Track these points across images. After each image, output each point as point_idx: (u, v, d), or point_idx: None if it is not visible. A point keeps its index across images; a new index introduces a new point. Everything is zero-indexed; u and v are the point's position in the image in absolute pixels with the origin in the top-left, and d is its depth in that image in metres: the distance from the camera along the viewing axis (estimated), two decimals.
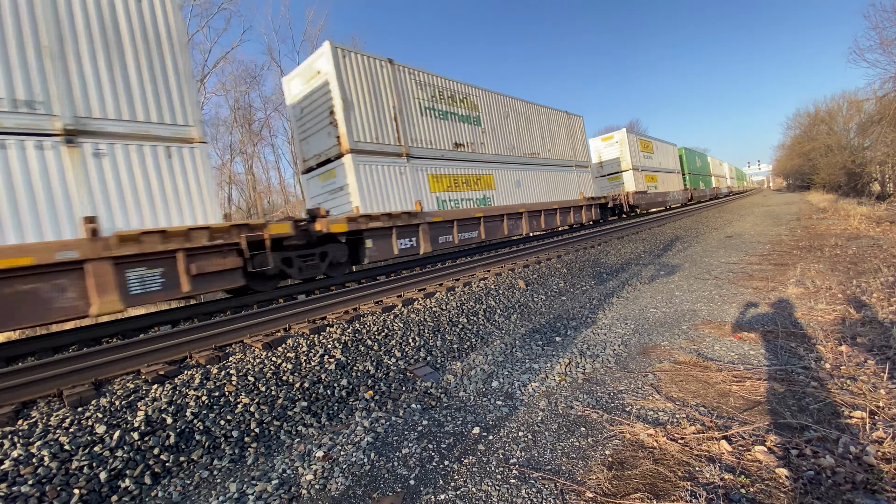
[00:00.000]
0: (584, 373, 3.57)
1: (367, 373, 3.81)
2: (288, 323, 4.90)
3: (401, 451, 2.64)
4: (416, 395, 3.48)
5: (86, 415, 3.05)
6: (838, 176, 30.92)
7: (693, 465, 2.13)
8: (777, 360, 3.32)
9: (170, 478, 2.62)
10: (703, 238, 12.55)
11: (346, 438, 2.86)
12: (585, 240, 11.91)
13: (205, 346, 4.22)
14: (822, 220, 13.86)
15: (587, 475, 2.18)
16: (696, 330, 4.32)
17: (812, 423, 2.36)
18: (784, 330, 3.96)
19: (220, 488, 2.47)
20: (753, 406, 2.67)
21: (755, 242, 10.39)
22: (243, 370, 3.64)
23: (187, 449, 2.81)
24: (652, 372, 3.39)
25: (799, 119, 49.15)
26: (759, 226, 14.43)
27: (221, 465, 2.71)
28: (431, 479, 2.32)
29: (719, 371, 3.23)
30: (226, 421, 3.03)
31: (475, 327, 5.04)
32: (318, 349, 4.07)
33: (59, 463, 2.57)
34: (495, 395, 3.33)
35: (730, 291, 5.76)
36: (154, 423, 2.96)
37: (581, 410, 2.89)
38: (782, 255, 8.20)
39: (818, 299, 4.82)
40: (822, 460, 2.02)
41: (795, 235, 10.85)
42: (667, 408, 2.77)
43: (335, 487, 2.35)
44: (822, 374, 2.97)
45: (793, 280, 5.89)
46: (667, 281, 6.97)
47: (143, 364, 3.87)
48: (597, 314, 5.40)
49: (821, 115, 40.29)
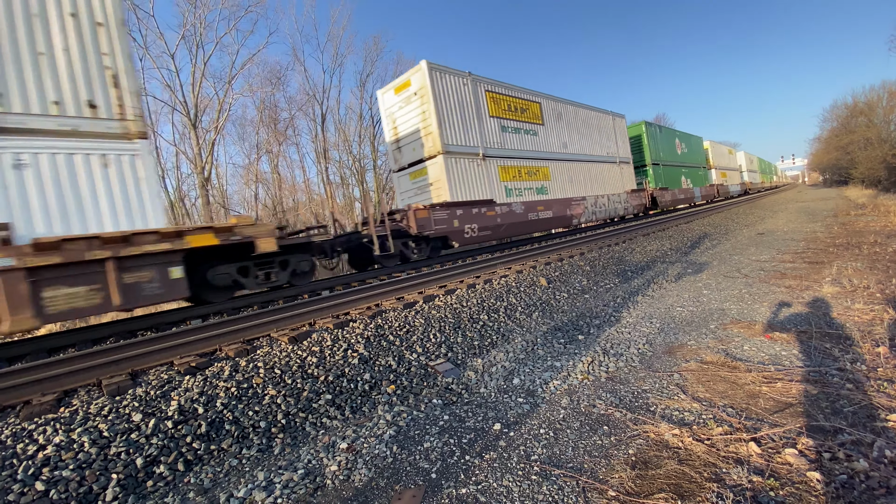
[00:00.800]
0: (607, 371, 3.53)
1: (389, 367, 3.86)
2: (313, 318, 5.01)
3: (422, 445, 2.68)
4: (437, 391, 3.52)
5: (123, 403, 3.19)
6: (878, 170, 29.46)
7: (720, 467, 2.09)
8: (810, 361, 3.21)
9: (201, 465, 2.72)
10: (732, 235, 12.17)
11: (369, 431, 2.92)
12: (610, 237, 11.72)
13: (234, 340, 4.36)
14: (861, 217, 13.24)
15: (610, 474, 2.17)
16: (724, 329, 4.21)
17: (846, 426, 2.28)
18: (818, 330, 3.82)
19: (249, 476, 2.56)
20: (784, 408, 2.59)
21: (788, 240, 10.02)
22: (270, 363, 3.75)
23: (218, 438, 2.91)
24: (678, 371, 3.32)
25: (836, 111, 46.94)
26: (792, 222, 13.89)
27: (250, 454, 2.80)
28: (453, 473, 2.34)
29: (749, 372, 3.14)
30: (254, 412, 3.13)
31: (496, 324, 5.04)
32: (342, 343, 4.15)
33: (99, 449, 2.71)
34: (516, 392, 3.33)
35: (761, 290, 5.58)
36: (186, 412, 3.08)
37: (604, 409, 2.87)
38: (817, 252, 7.88)
39: (855, 299, 4.62)
40: (856, 464, 1.96)
41: (832, 232, 10.40)
42: (693, 408, 2.72)
43: (359, 479, 2.40)
44: (858, 376, 2.85)
45: (828, 279, 5.66)
46: (694, 279, 6.80)
47: (176, 356, 4.03)
48: (621, 313, 5.32)
49: (859, 107, 38.38)
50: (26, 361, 4.99)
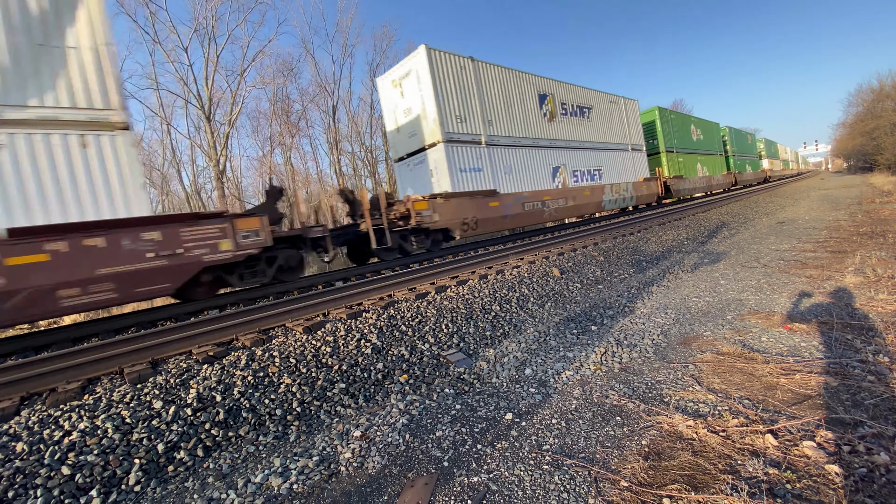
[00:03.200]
0: (620, 362, 3.50)
1: (401, 357, 3.90)
2: (326, 308, 5.07)
3: (434, 434, 2.70)
4: (449, 380, 3.54)
5: (144, 391, 3.28)
6: None
7: (735, 459, 2.07)
8: (831, 352, 3.14)
9: (220, 451, 2.79)
10: (751, 224, 11.90)
11: (382, 420, 2.95)
12: (624, 226, 11.56)
13: (250, 330, 4.44)
14: (887, 204, 12.82)
15: (622, 464, 2.16)
16: (741, 320, 4.14)
17: (867, 419, 2.23)
18: (840, 321, 3.72)
19: (266, 462, 2.62)
20: (803, 400, 2.54)
21: (810, 228, 9.76)
22: (285, 352, 3.81)
23: (235, 425, 2.98)
24: (693, 363, 3.28)
25: (862, 95, 45.23)
26: (814, 210, 13.52)
27: (266, 440, 2.86)
28: (464, 462, 2.36)
29: (766, 363, 3.09)
30: (270, 400, 3.20)
31: (508, 315, 5.03)
32: (356, 333, 4.19)
33: (122, 435, 2.79)
34: (528, 383, 3.33)
35: (780, 280, 5.46)
36: (205, 400, 3.16)
37: (617, 400, 2.85)
38: (840, 241, 7.67)
39: (879, 289, 4.49)
40: (877, 457, 1.92)
41: (855, 221, 10.10)
42: (708, 399, 2.69)
43: (372, 466, 2.44)
44: (881, 367, 2.78)
45: (851, 268, 5.51)
46: (711, 269, 6.68)
47: (194, 345, 4.12)
48: (635, 303, 5.26)
49: (886, 90, 36.94)
50: (52, 350, 5.16)
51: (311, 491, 2.29)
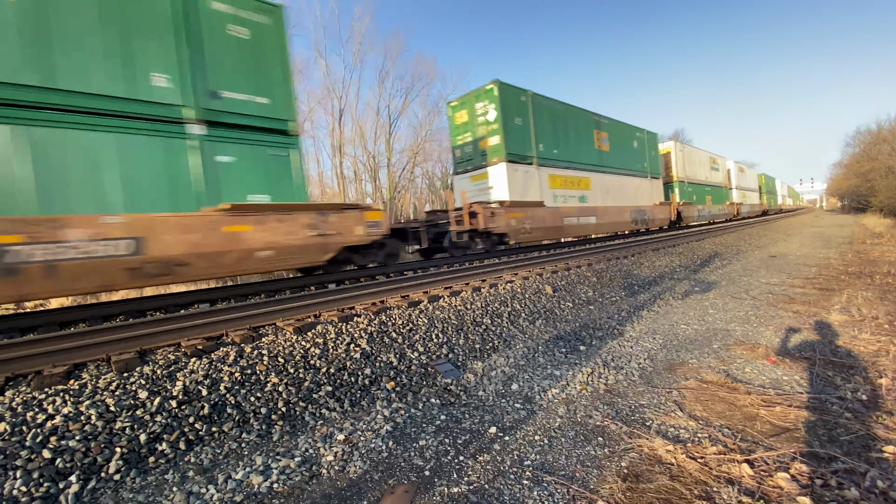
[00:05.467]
0: (606, 384, 3.54)
1: (390, 364, 3.91)
2: (318, 310, 5.08)
3: (418, 443, 2.72)
4: (435, 391, 3.56)
5: (130, 380, 3.27)
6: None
7: (711, 486, 2.11)
8: (811, 387, 3.20)
9: (202, 445, 2.79)
10: (744, 256, 12.06)
11: (366, 425, 2.97)
12: (619, 249, 11.68)
13: (240, 326, 4.44)
14: (877, 246, 13.04)
15: (601, 484, 2.19)
16: (727, 350, 4.20)
17: (841, 455, 2.28)
18: (822, 357, 3.79)
19: (248, 460, 2.62)
20: (781, 432, 2.59)
21: (800, 264, 9.91)
22: (274, 351, 3.82)
23: (219, 420, 2.98)
24: (677, 389, 3.33)
25: (859, 137, 46.33)
26: (806, 247, 13.72)
27: (249, 438, 2.86)
28: (446, 472, 2.38)
29: (748, 394, 3.14)
30: (255, 398, 3.20)
31: (498, 329, 5.07)
32: (346, 337, 4.21)
33: (105, 422, 2.79)
34: (514, 398, 3.36)
35: (768, 313, 5.54)
36: (191, 393, 3.16)
37: (600, 420, 2.89)
38: (829, 279, 7.80)
39: (863, 328, 4.58)
40: (847, 492, 1.96)
41: (845, 260, 10.27)
42: (689, 426, 2.73)
43: (353, 470, 2.45)
44: (858, 405, 2.84)
45: (837, 306, 5.61)
46: (701, 298, 6.77)
47: (183, 338, 4.11)
48: (624, 326, 5.32)
49: (883, 134, 37.86)
50: (37, 333, 5.13)
51: (292, 491, 2.30)
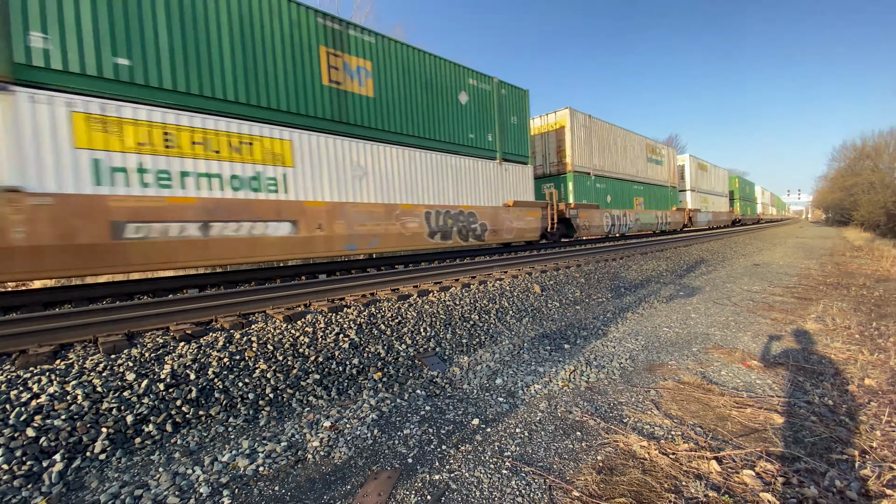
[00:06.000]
0: (587, 381, 3.65)
1: (377, 355, 3.98)
2: (308, 299, 5.12)
3: (402, 432, 2.79)
4: (421, 382, 3.63)
5: (118, 362, 3.29)
6: (878, 215, 29.71)
7: (680, 480, 2.21)
8: (782, 391, 3.34)
9: (189, 428, 2.83)
10: (728, 263, 12.31)
11: (352, 413, 3.03)
12: (608, 252, 11.85)
13: (230, 312, 4.47)
14: (855, 259, 13.40)
15: (576, 476, 2.28)
16: (706, 353, 4.33)
17: (804, 455, 2.40)
18: (794, 363, 3.94)
19: (234, 443, 2.67)
20: (750, 433, 2.71)
21: (782, 273, 10.16)
22: (264, 339, 3.86)
23: (207, 404, 3.02)
24: (655, 388, 3.44)
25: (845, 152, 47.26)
26: (789, 257, 14.04)
27: (236, 422, 2.91)
28: (428, 460, 2.46)
29: (722, 395, 3.27)
30: (244, 383, 3.24)
31: (486, 325, 5.15)
32: (335, 327, 4.26)
33: (91, 403, 2.81)
34: (498, 392, 3.45)
35: (747, 319, 5.71)
36: (179, 377, 3.19)
37: (579, 416, 2.99)
38: (807, 289, 8.02)
39: (835, 337, 4.75)
40: (807, 490, 2.08)
41: (825, 271, 10.55)
42: (664, 424, 2.84)
43: (338, 456, 2.51)
44: (825, 410, 2.98)
45: (813, 315, 5.79)
46: (684, 302, 6.93)
47: (172, 322, 4.13)
48: (609, 327, 5.44)
49: (867, 150, 38.70)
50: (21, 313, 5.09)
51: (277, 475, 2.36)
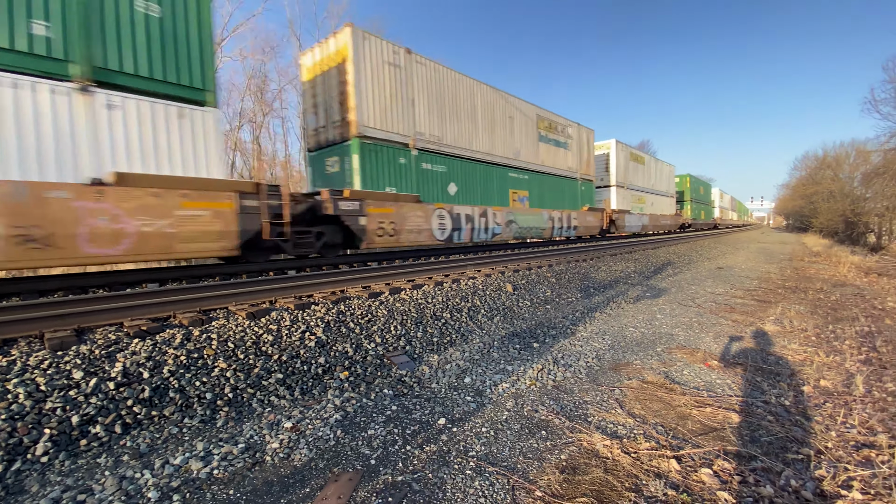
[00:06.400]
0: (554, 380, 3.67)
1: (345, 354, 3.89)
2: (274, 296, 4.97)
3: (366, 432, 2.73)
4: (389, 381, 3.57)
5: (65, 359, 3.11)
6: (836, 222, 31.27)
7: (640, 479, 2.23)
8: (741, 391, 3.44)
9: (140, 429, 2.69)
10: (694, 266, 12.69)
11: (315, 413, 2.95)
12: (579, 252, 12.03)
13: (190, 308, 4.29)
14: (813, 264, 14.05)
15: (540, 475, 2.28)
16: (669, 353, 4.43)
17: (760, 454, 2.46)
18: (753, 364, 4.07)
19: (188, 445, 2.55)
20: (709, 431, 2.77)
21: (744, 277, 10.54)
22: (224, 336, 3.71)
23: (160, 404, 2.88)
24: (619, 387, 3.49)
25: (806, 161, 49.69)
26: (751, 261, 14.60)
27: (192, 423, 2.78)
28: (392, 462, 2.40)
29: (683, 395, 3.34)
30: (201, 382, 3.11)
31: (457, 324, 5.13)
32: (301, 325, 4.14)
33: (34, 402, 2.64)
34: (466, 391, 3.42)
35: (710, 321, 5.88)
36: (131, 375, 3.03)
37: (545, 415, 2.99)
38: (767, 292, 8.34)
39: (792, 339, 4.94)
40: (763, 489, 2.13)
41: (784, 275, 11.01)
42: (627, 422, 2.87)
43: (298, 458, 2.43)
44: (780, 410, 3.08)
45: (772, 318, 6.02)
46: (651, 303, 7.09)
47: (126, 318, 3.93)
48: (577, 326, 5.50)
49: (828, 160, 40.69)
50: None
51: (232, 478, 2.26)
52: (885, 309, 6.84)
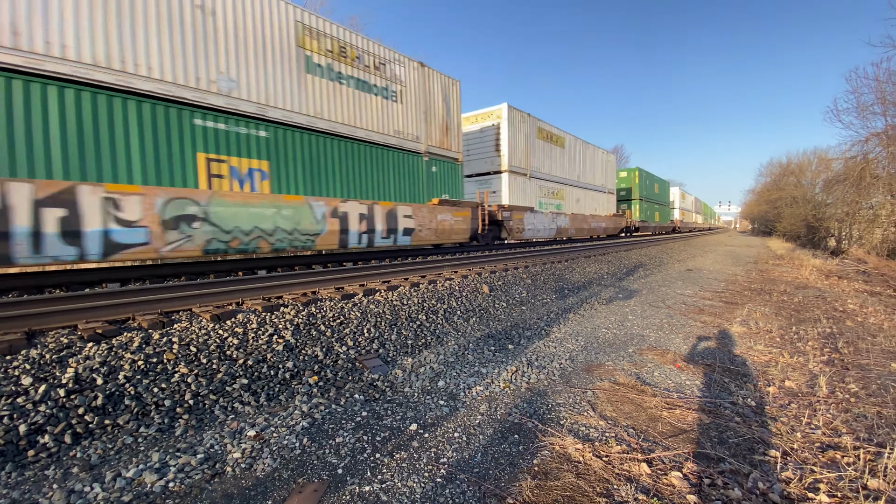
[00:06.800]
0: (528, 382, 3.65)
1: (315, 358, 3.78)
2: (242, 297, 4.80)
3: (335, 440, 2.64)
4: (360, 386, 3.48)
5: (13, 364, 2.92)
6: (799, 227, 32.55)
7: (612, 483, 2.22)
8: (709, 392, 3.49)
9: (91, 439, 2.53)
10: (664, 268, 12.99)
11: (281, 421, 2.83)
12: (554, 254, 12.14)
13: (150, 310, 4.09)
14: (777, 267, 14.58)
15: (512, 482, 2.24)
16: (640, 354, 4.48)
17: (728, 456, 2.49)
18: (721, 365, 4.16)
19: (143, 456, 2.41)
20: (679, 433, 2.80)
21: (712, 279, 10.84)
22: (186, 339, 3.55)
23: (114, 412, 2.72)
24: (592, 389, 3.50)
25: (771, 168, 51.70)
26: (718, 264, 15.05)
27: (148, 433, 2.63)
28: (360, 470, 2.33)
29: (654, 396, 3.36)
30: (160, 389, 2.95)
31: (433, 326, 5.07)
32: (269, 328, 4.00)
33: None
34: (439, 395, 3.36)
35: (679, 322, 5.99)
36: (83, 381, 2.86)
37: (518, 418, 2.96)
38: (734, 294, 8.59)
39: (758, 340, 5.08)
40: (731, 492, 2.15)
41: (750, 277, 11.38)
42: (599, 425, 2.87)
43: (261, 468, 2.32)
44: (747, 411, 3.14)
45: (739, 319, 6.18)
46: (623, 304, 7.19)
47: (81, 320, 3.72)
48: (551, 327, 5.52)
49: (791, 167, 42.42)
50: None
51: (189, 491, 2.14)
52: (845, 311, 7.13)
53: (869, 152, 16.01)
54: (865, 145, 15.99)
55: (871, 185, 16.15)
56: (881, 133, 15.34)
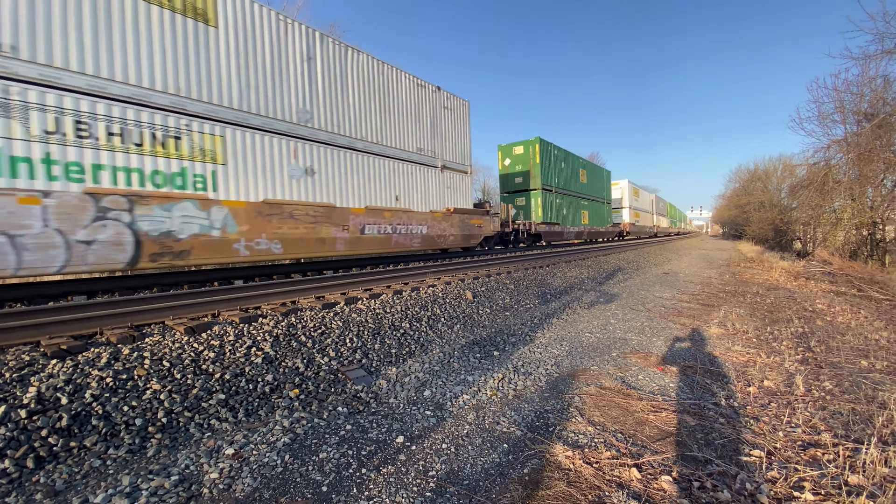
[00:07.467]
0: (515, 389, 3.61)
1: (295, 370, 3.66)
2: (218, 308, 4.64)
3: (318, 456, 2.54)
4: (344, 398, 3.38)
5: None
6: (767, 230, 33.72)
7: (603, 490, 2.19)
8: (692, 394, 3.52)
9: (56, 463, 2.37)
10: (642, 272, 13.23)
11: (261, 437, 2.72)
12: (537, 259, 12.23)
13: (120, 324, 3.90)
14: (749, 269, 15.03)
15: (502, 493, 2.19)
16: (624, 358, 4.51)
17: (715, 458, 2.50)
18: (702, 367, 4.21)
19: (112, 480, 2.26)
20: (666, 436, 2.80)
21: (688, 282, 11.08)
22: (159, 354, 3.39)
23: (80, 434, 2.55)
24: (578, 395, 3.49)
25: (740, 174, 53.60)
26: (693, 267, 15.42)
27: (117, 454, 2.48)
28: (345, 487, 2.24)
29: (640, 400, 3.37)
30: (130, 407, 2.79)
31: (417, 334, 4.99)
32: (247, 340, 3.86)
33: None
34: (425, 405, 3.29)
35: (660, 325, 6.08)
36: (46, 401, 2.68)
37: (506, 427, 2.92)
38: (710, 296, 8.79)
39: (735, 341, 5.19)
40: (720, 494, 2.15)
41: (724, 280, 11.68)
42: (587, 431, 2.85)
43: (241, 489, 2.21)
44: (730, 411, 3.17)
45: (716, 321, 6.31)
46: (604, 308, 7.26)
47: (44, 335, 3.51)
48: (536, 333, 5.52)
49: (758, 173, 44.04)
50: None
51: None
52: (814, 310, 7.37)
53: (830, 158, 16.76)
54: (827, 152, 16.75)
55: (833, 189, 16.89)
56: (841, 140, 16.09)
